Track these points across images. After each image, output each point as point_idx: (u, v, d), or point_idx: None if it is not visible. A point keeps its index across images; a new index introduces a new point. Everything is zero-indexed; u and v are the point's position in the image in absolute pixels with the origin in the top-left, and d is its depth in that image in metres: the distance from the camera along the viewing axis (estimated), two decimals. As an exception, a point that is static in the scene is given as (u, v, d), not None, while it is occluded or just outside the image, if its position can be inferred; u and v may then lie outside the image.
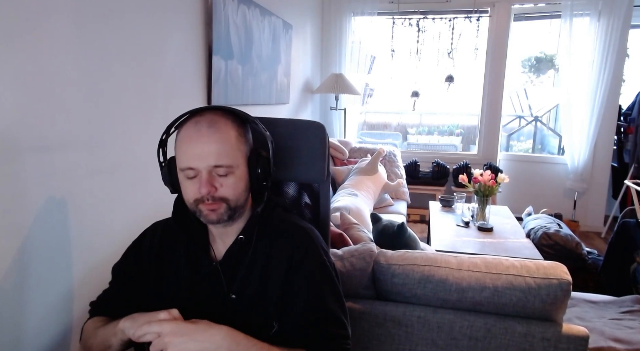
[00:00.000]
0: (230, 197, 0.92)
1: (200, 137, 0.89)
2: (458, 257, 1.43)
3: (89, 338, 1.00)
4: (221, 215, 0.92)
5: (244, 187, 0.94)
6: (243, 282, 0.96)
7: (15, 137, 1.08)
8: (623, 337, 1.77)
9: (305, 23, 3.97)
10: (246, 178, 0.95)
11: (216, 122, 0.90)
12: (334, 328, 0.95)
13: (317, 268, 0.97)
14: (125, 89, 1.49)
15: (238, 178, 0.92)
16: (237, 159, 0.92)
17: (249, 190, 0.97)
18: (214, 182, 0.90)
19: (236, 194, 0.92)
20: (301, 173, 1.19)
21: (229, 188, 0.91)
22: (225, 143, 0.90)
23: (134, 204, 1.56)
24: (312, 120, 1.19)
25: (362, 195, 3.23)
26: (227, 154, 0.90)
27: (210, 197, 0.90)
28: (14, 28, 1.06)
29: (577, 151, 4.29)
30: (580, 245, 2.96)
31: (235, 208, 0.93)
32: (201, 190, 0.89)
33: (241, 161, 0.93)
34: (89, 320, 1.06)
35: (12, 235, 1.10)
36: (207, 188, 0.89)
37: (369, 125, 7.22)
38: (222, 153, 0.89)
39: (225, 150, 0.90)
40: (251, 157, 0.95)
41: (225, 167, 0.90)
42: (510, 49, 4.49)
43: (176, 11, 1.81)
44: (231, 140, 0.91)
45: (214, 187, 0.90)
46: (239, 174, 0.93)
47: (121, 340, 0.91)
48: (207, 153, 0.88)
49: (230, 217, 0.94)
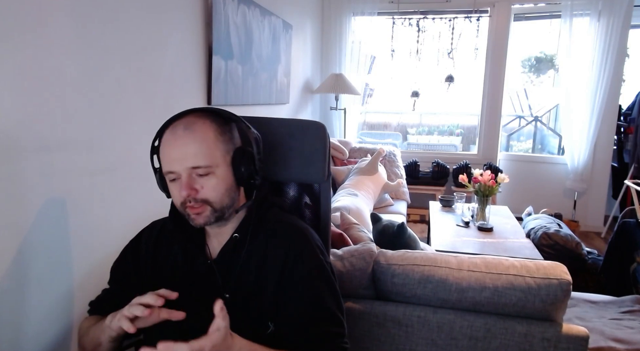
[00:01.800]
0: (212, 198, 0.91)
1: (176, 140, 0.89)
2: (458, 256, 1.43)
3: (82, 337, 1.01)
4: (207, 217, 0.92)
5: (227, 187, 0.93)
6: (238, 281, 0.97)
7: (15, 137, 1.08)
8: (623, 337, 1.77)
9: (305, 23, 3.97)
10: (229, 177, 0.94)
11: (193, 123, 0.90)
12: (333, 327, 0.95)
13: (313, 267, 0.97)
14: (125, 89, 1.49)
15: (220, 179, 0.92)
16: (216, 159, 0.91)
17: (235, 189, 0.96)
18: (194, 183, 0.90)
19: (218, 195, 0.92)
20: (302, 173, 1.19)
21: (210, 190, 0.91)
22: (201, 143, 0.89)
23: (133, 204, 1.56)
24: (313, 120, 1.18)
25: (362, 195, 3.23)
26: (205, 155, 0.89)
27: (192, 200, 0.89)
28: (14, 28, 1.06)
29: (577, 151, 4.29)
30: (580, 245, 2.96)
31: (220, 209, 0.93)
32: (181, 193, 0.89)
33: (221, 161, 0.92)
34: (85, 319, 1.06)
35: (12, 235, 1.10)
36: (187, 190, 0.89)
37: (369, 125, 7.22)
38: (198, 154, 0.89)
39: (202, 151, 0.89)
40: (235, 156, 0.94)
41: (203, 168, 0.89)
42: (510, 49, 4.49)
43: (176, 11, 1.81)
44: (208, 141, 0.90)
45: (194, 189, 0.89)
46: (221, 174, 0.92)
47: (109, 336, 0.91)
48: (184, 156, 0.88)
49: (217, 218, 0.93)
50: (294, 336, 0.93)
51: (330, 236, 1.27)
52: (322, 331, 0.93)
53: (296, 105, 3.84)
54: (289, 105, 3.56)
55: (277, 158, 1.15)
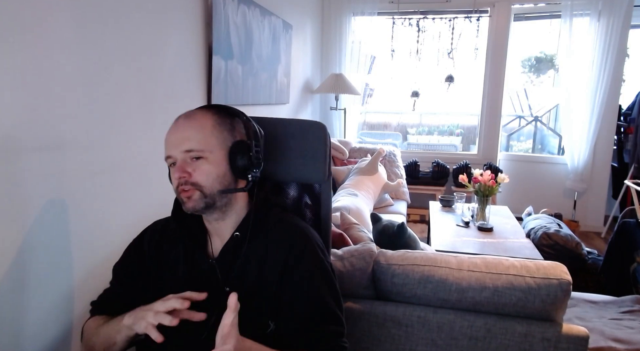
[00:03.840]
0: (202, 182, 0.93)
1: (176, 127, 0.96)
2: (458, 256, 1.43)
3: (91, 337, 1.00)
4: (196, 202, 0.93)
5: (219, 173, 0.95)
6: (239, 279, 0.97)
7: (15, 137, 1.08)
8: (623, 337, 1.77)
9: (305, 23, 3.97)
10: (223, 165, 0.96)
11: (194, 113, 0.97)
12: (333, 326, 0.96)
13: (314, 267, 0.98)
14: (125, 89, 1.49)
15: (213, 165, 0.94)
16: (211, 145, 0.94)
17: (229, 178, 0.97)
18: (187, 167, 0.93)
19: (209, 180, 0.94)
20: (302, 173, 1.19)
21: (202, 174, 0.93)
22: (198, 130, 0.94)
23: (134, 204, 1.56)
24: (314, 120, 1.19)
25: (362, 195, 3.23)
26: (199, 140, 0.93)
27: (184, 182, 0.92)
28: (14, 28, 1.06)
29: (577, 151, 4.29)
30: (580, 245, 2.96)
31: (210, 195, 0.94)
32: (174, 175, 0.93)
33: (217, 148, 0.95)
34: (90, 319, 1.06)
35: (12, 234, 1.10)
36: (179, 173, 0.92)
37: (369, 125, 7.22)
38: (193, 139, 0.93)
39: (197, 137, 0.93)
40: (232, 146, 0.97)
41: (196, 151, 0.93)
42: (510, 49, 4.49)
43: (176, 11, 1.81)
44: (205, 128, 0.95)
45: (187, 172, 0.93)
46: (214, 160, 0.94)
47: (126, 336, 0.92)
48: (180, 140, 0.93)
49: (207, 205, 0.95)
50: (294, 335, 0.93)
51: (330, 236, 1.27)
52: (322, 330, 0.94)
53: (296, 105, 3.84)
54: (289, 105, 3.56)
55: (277, 158, 1.15)
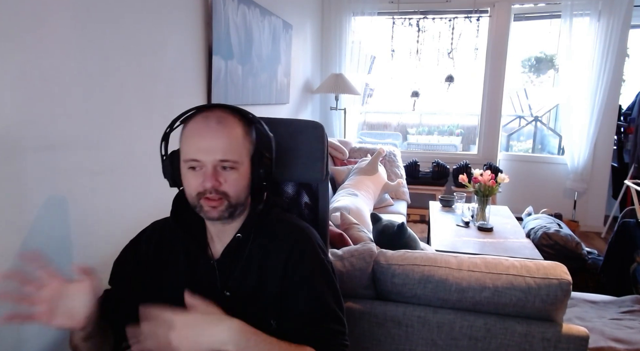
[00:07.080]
0: (231, 193, 0.93)
1: (209, 131, 0.91)
2: (458, 256, 1.43)
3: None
4: (222, 212, 0.93)
5: (245, 184, 0.96)
6: (239, 280, 0.97)
7: (16, 137, 1.08)
8: (623, 337, 1.77)
9: (305, 23, 3.97)
10: (248, 176, 0.96)
11: (225, 118, 0.93)
12: (334, 324, 0.96)
13: (315, 267, 0.98)
14: (125, 89, 1.49)
15: (241, 176, 0.94)
16: (242, 156, 0.94)
17: (249, 188, 0.98)
18: (219, 176, 0.91)
19: (237, 191, 0.93)
20: (300, 172, 1.19)
21: (232, 185, 0.92)
22: (232, 139, 0.92)
23: (134, 204, 1.56)
24: (311, 120, 1.19)
25: (362, 195, 3.23)
26: (234, 150, 0.92)
27: (213, 191, 0.91)
28: (14, 28, 1.06)
29: (577, 151, 4.29)
30: (580, 245, 2.96)
31: (235, 205, 0.94)
32: (205, 183, 0.90)
33: (245, 159, 0.95)
34: None
35: (12, 234, 1.09)
36: (212, 182, 0.90)
37: (369, 125, 7.21)
38: (228, 149, 0.91)
39: (232, 146, 0.91)
40: (254, 157, 0.97)
41: (230, 162, 0.91)
42: (510, 49, 4.49)
43: (176, 11, 1.81)
44: (238, 137, 0.93)
45: (219, 181, 0.91)
46: (242, 171, 0.94)
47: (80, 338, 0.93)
48: (215, 148, 0.90)
49: (230, 214, 0.95)
50: (296, 334, 0.93)
51: (328, 235, 1.28)
52: (324, 329, 0.94)
53: (296, 105, 3.84)
54: (289, 105, 3.55)
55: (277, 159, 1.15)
